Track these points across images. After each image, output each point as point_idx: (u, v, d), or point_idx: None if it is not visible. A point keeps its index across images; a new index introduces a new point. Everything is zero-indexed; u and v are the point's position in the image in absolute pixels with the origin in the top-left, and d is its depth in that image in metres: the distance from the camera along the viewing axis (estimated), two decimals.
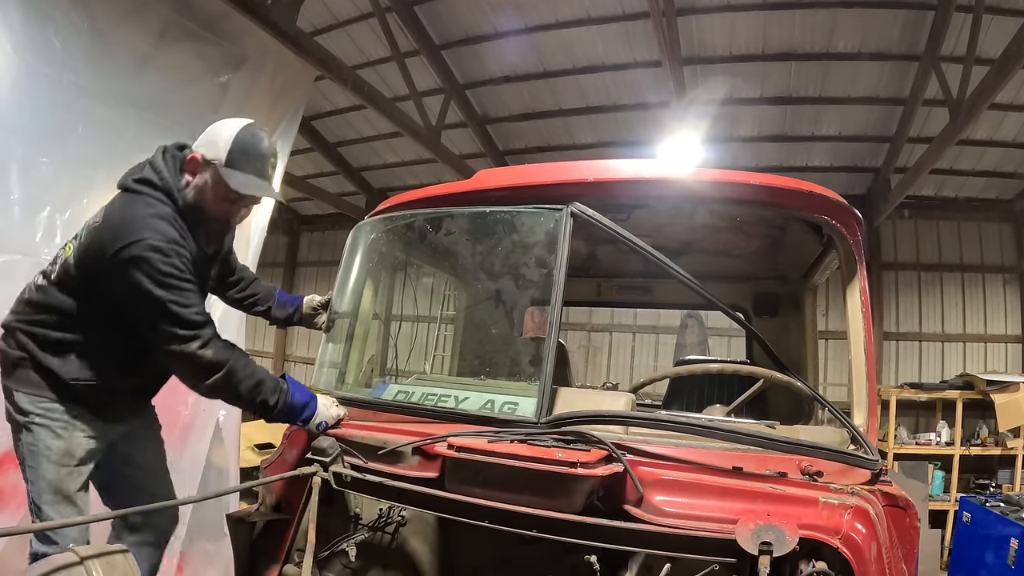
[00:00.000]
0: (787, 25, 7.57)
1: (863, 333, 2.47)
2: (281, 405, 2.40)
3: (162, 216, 2.41)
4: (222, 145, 2.48)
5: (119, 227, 2.36)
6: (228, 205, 2.56)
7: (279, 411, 2.41)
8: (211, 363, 2.30)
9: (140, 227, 2.33)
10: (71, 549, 1.81)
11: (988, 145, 8.86)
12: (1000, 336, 9.97)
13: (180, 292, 2.31)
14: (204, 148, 2.51)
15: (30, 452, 2.50)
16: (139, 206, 2.41)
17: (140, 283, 2.27)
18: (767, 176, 2.50)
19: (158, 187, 2.47)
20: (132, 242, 2.28)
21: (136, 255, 2.27)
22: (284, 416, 2.44)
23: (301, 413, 2.44)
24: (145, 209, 2.40)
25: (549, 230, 2.49)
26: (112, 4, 4.08)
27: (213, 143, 2.50)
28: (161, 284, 2.28)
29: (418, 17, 8.34)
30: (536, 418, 2.22)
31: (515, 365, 4.31)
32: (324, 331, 3.10)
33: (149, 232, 2.32)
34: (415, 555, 2.43)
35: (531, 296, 4.80)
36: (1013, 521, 5.46)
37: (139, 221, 2.35)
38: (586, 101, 9.48)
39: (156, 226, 2.36)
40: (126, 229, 2.33)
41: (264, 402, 2.38)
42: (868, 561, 1.74)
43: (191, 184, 2.51)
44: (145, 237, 2.30)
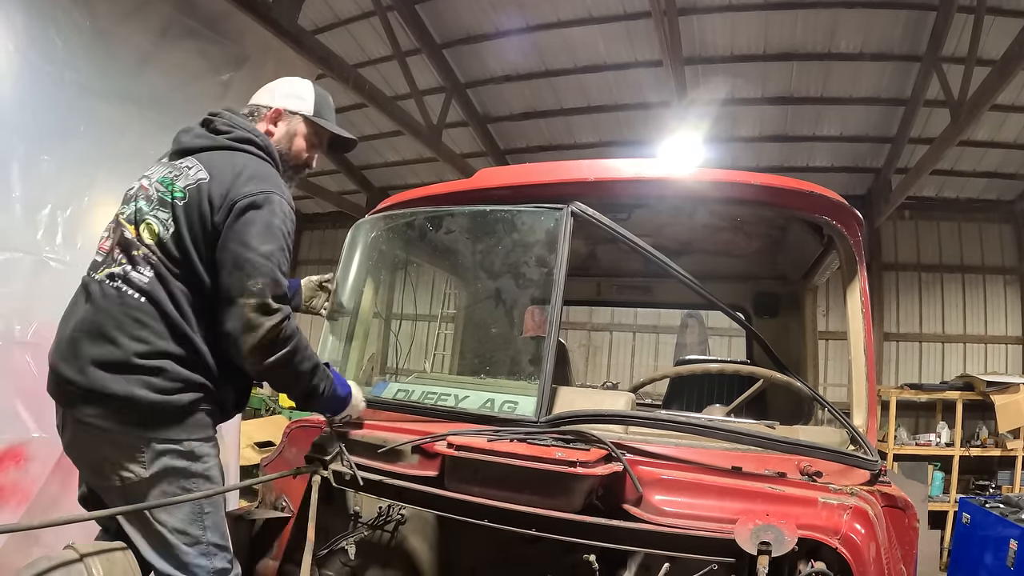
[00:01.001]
0: (788, 25, 7.57)
1: (863, 333, 2.47)
2: (327, 394, 2.28)
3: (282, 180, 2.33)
4: (308, 98, 2.55)
5: (254, 175, 2.19)
6: (312, 152, 2.60)
7: (322, 400, 2.29)
8: (284, 338, 2.08)
9: (275, 182, 2.24)
10: (71, 546, 1.81)
11: (989, 146, 8.86)
12: (1000, 337, 9.98)
13: (284, 259, 2.17)
14: (284, 101, 2.52)
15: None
16: (263, 165, 2.30)
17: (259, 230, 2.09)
18: (768, 176, 2.50)
19: (260, 146, 2.36)
20: (269, 191, 2.15)
21: (271, 201, 2.14)
22: (322, 406, 2.34)
23: (338, 405, 2.36)
24: (270, 169, 2.31)
25: (549, 229, 2.49)
26: (114, 3, 4.08)
27: (295, 96, 2.54)
28: (281, 240, 2.15)
29: (419, 16, 8.35)
30: (536, 417, 2.22)
31: (515, 364, 4.32)
32: (327, 317, 3.08)
33: (284, 193, 2.24)
34: (414, 554, 2.43)
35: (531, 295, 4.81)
36: (1012, 522, 5.46)
37: (273, 177, 2.26)
38: (587, 100, 9.49)
39: (286, 191, 2.28)
40: (263, 180, 2.19)
41: (315, 388, 2.23)
42: (867, 561, 1.74)
43: (274, 136, 2.49)
44: (283, 195, 2.22)
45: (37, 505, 3.55)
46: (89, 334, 2.07)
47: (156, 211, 2.16)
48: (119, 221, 2.24)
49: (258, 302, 2.04)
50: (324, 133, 2.61)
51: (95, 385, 2.01)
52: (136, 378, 2.02)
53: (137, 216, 2.18)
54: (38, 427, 3.54)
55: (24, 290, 3.57)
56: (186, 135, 2.34)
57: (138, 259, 2.12)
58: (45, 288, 3.60)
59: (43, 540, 3.21)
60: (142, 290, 2.09)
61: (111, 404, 2.01)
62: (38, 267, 3.62)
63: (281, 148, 2.48)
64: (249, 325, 2.04)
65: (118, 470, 2.04)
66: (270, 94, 2.56)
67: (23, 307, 3.55)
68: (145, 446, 2.04)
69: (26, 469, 3.54)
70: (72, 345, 2.09)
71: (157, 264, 2.11)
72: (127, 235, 2.17)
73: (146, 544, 2.06)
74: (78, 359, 2.05)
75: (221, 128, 2.34)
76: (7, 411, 3.46)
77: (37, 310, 3.58)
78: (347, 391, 2.37)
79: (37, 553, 2.02)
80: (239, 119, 2.40)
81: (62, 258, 3.70)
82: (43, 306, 3.59)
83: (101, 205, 3.90)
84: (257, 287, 2.04)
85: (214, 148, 2.28)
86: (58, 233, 3.71)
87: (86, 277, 2.24)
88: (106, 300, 2.10)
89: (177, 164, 2.25)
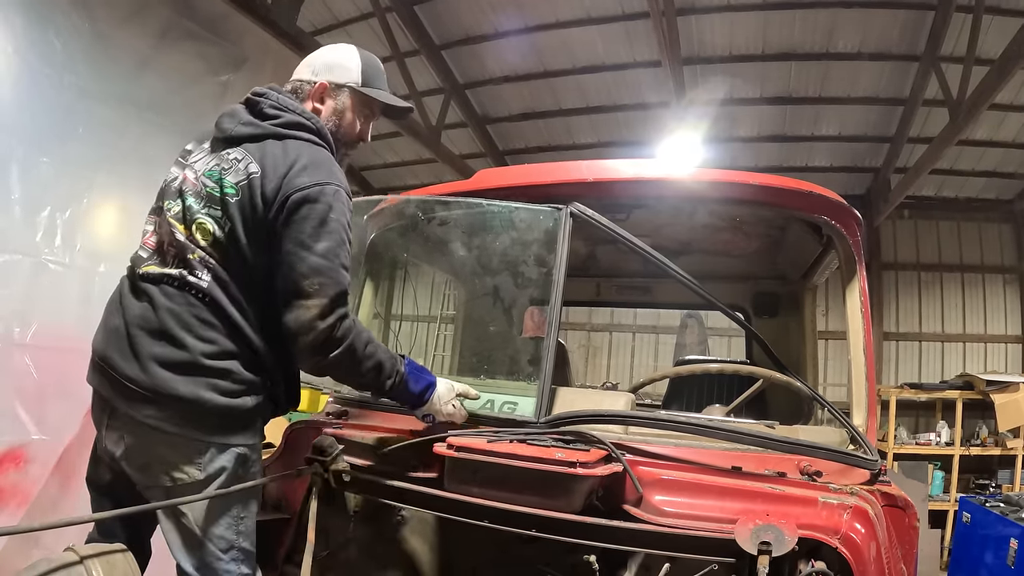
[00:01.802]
0: (787, 25, 7.58)
1: (863, 333, 2.47)
2: (396, 391, 2.21)
3: (337, 166, 2.20)
4: (353, 67, 2.36)
5: (308, 164, 2.07)
6: (366, 124, 2.45)
7: (392, 395, 2.23)
8: (338, 338, 2.02)
9: (334, 172, 2.12)
10: (71, 548, 1.81)
11: (988, 145, 8.87)
12: (1000, 336, 9.99)
13: (344, 252, 2.08)
14: (328, 75, 2.34)
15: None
16: (318, 151, 2.16)
17: (314, 226, 2.00)
18: (767, 176, 2.50)
19: (313, 130, 2.21)
20: (327, 182, 2.05)
21: (329, 193, 2.04)
22: (395, 400, 2.29)
23: (413, 401, 2.27)
24: (325, 154, 2.18)
25: (549, 230, 2.49)
26: (113, 6, 4.08)
27: (340, 67, 2.36)
28: (339, 233, 2.04)
29: (418, 17, 8.35)
30: (535, 418, 2.22)
31: (514, 365, 4.31)
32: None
33: (340, 180, 2.12)
34: (414, 555, 2.43)
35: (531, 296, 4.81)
36: (1013, 521, 5.45)
37: (327, 164, 2.13)
38: (586, 101, 9.49)
39: (342, 177, 2.16)
40: (316, 169, 2.07)
41: (380, 385, 2.17)
42: (867, 561, 1.74)
43: (323, 114, 2.33)
44: (339, 183, 2.10)
45: (37, 507, 3.54)
46: (151, 333, 2.01)
47: (208, 209, 2.07)
48: (167, 219, 2.12)
49: (314, 302, 1.97)
50: (376, 103, 2.44)
51: (159, 385, 1.96)
52: (203, 380, 1.99)
53: (187, 215, 2.09)
54: (38, 429, 3.54)
55: (23, 292, 3.56)
56: (230, 121, 2.19)
57: (194, 263, 2.04)
58: (44, 290, 3.60)
59: (43, 542, 3.21)
60: (203, 291, 2.03)
61: (176, 406, 1.97)
62: (37, 269, 3.61)
63: (331, 126, 2.33)
64: (305, 327, 1.98)
65: (171, 471, 2.01)
66: (311, 68, 2.37)
67: (22, 309, 3.55)
68: (205, 449, 2.02)
69: (26, 471, 3.54)
70: (131, 342, 2.02)
71: (215, 267, 2.04)
72: (179, 236, 2.08)
73: (180, 544, 2.05)
74: (139, 357, 1.99)
75: (269, 112, 2.19)
76: (6, 413, 3.46)
77: (36, 312, 3.57)
78: (421, 388, 2.25)
79: (37, 555, 2.02)
80: (288, 100, 2.25)
81: (61, 260, 3.69)
82: (42, 308, 3.59)
83: (100, 207, 3.90)
84: (314, 287, 1.97)
85: (263, 136, 2.15)
86: (57, 235, 3.70)
87: (132, 272, 2.16)
88: (168, 299, 2.03)
89: (224, 155, 2.13)
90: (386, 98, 2.44)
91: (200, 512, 2.03)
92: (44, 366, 3.54)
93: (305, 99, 2.32)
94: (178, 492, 2.01)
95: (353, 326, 2.05)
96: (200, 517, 2.03)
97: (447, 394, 2.30)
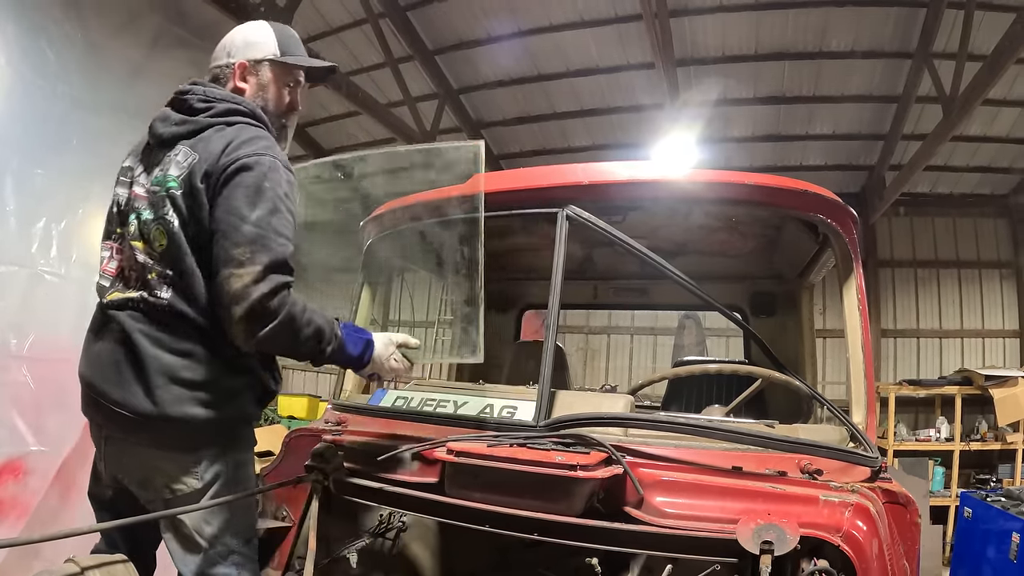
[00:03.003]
0: (780, 25, 7.60)
1: (860, 331, 2.47)
2: (334, 356, 2.15)
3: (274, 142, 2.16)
4: (268, 40, 2.33)
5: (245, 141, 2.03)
6: (293, 93, 2.40)
7: (331, 360, 2.16)
8: (275, 308, 1.91)
9: (270, 146, 2.08)
10: (71, 559, 1.80)
11: (982, 141, 8.90)
12: (998, 331, 10.00)
13: (282, 222, 1.99)
14: (244, 53, 2.30)
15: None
16: (255, 130, 2.12)
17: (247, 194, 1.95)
18: (762, 176, 2.50)
19: (247, 113, 2.17)
20: (262, 154, 2.01)
21: (265, 163, 1.99)
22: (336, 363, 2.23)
23: (353, 364, 2.23)
24: (262, 132, 2.14)
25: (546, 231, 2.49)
26: (105, 15, 4.08)
27: (255, 43, 2.32)
28: (273, 202, 1.98)
29: (411, 23, 8.36)
30: (535, 421, 2.22)
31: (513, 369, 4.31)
32: None
33: (277, 154, 2.07)
34: (416, 561, 2.42)
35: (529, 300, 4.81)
36: (1014, 515, 5.45)
37: (266, 139, 2.10)
38: (580, 104, 9.50)
39: (279, 152, 2.11)
40: (256, 142, 2.05)
41: (319, 353, 2.09)
42: (869, 558, 1.74)
43: (247, 92, 2.29)
44: (276, 156, 2.06)
45: (36, 519, 3.54)
46: (129, 360, 2.00)
47: (159, 213, 2.04)
48: (128, 242, 2.10)
49: (247, 271, 1.88)
50: (298, 69, 2.38)
51: (146, 410, 1.96)
52: (188, 396, 1.99)
53: (144, 229, 2.07)
54: (36, 440, 3.54)
55: (19, 303, 3.56)
56: (163, 125, 2.16)
57: (153, 282, 2.03)
58: (40, 301, 3.60)
59: (43, 554, 3.19)
60: (165, 308, 2.01)
61: (166, 427, 1.98)
62: (33, 280, 3.61)
63: (260, 102, 2.30)
64: (237, 296, 1.87)
65: (170, 484, 2.04)
66: (226, 51, 2.32)
67: (19, 320, 3.55)
68: (200, 460, 2.04)
69: (25, 483, 3.53)
70: (114, 370, 2.02)
71: (172, 276, 2.02)
72: (139, 257, 2.07)
73: (181, 552, 2.07)
74: (123, 384, 2.00)
75: (199, 106, 2.15)
76: (5, 424, 3.46)
77: (33, 323, 3.57)
78: (360, 348, 2.19)
79: (37, 567, 2.02)
80: (214, 90, 2.21)
81: (57, 271, 3.69)
82: (39, 319, 3.59)
83: (95, 217, 3.89)
84: (246, 255, 1.89)
85: (200, 130, 2.10)
86: (53, 246, 3.70)
87: (101, 302, 2.15)
88: (136, 323, 2.03)
89: (166, 158, 2.10)
90: (306, 62, 2.41)
91: (199, 520, 2.04)
92: (41, 377, 3.53)
93: (227, 82, 2.29)
94: (177, 502, 2.02)
95: (289, 294, 1.97)
96: (199, 525, 2.04)
97: (386, 349, 2.26)
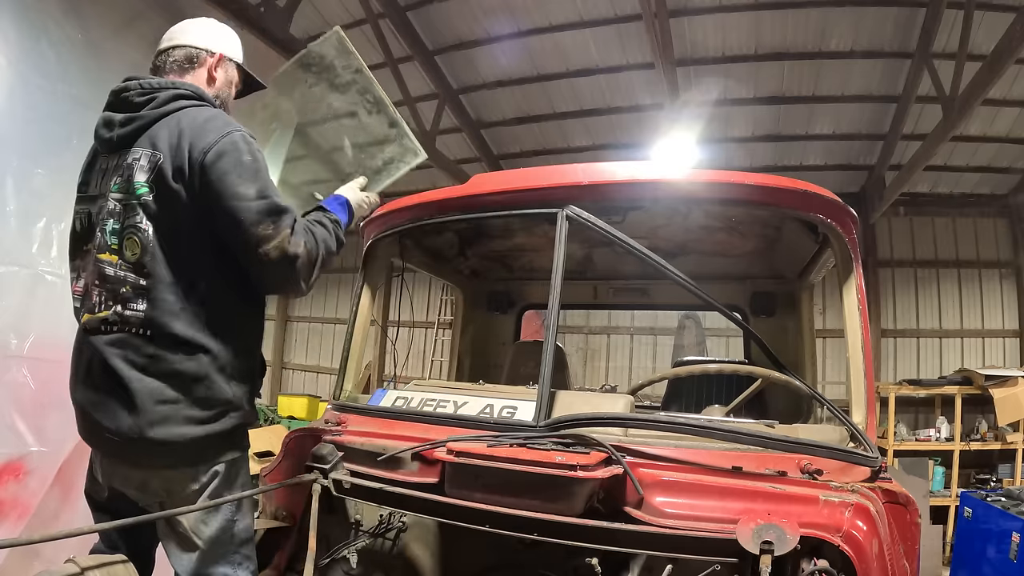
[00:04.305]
0: (779, 25, 7.60)
1: (860, 331, 2.47)
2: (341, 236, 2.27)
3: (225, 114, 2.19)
4: (237, 44, 2.38)
5: (204, 122, 2.03)
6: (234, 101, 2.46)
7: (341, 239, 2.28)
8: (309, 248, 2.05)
9: (228, 120, 2.09)
10: (72, 560, 1.80)
11: (982, 141, 8.90)
12: (998, 331, 10.00)
13: (270, 183, 2.07)
14: (223, 46, 2.33)
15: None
16: (202, 110, 2.11)
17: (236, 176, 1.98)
18: (762, 176, 2.50)
19: (189, 95, 2.15)
20: (224, 135, 2.01)
21: (233, 144, 2.01)
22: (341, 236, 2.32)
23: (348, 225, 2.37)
24: (210, 109, 2.14)
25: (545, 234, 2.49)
26: (105, 15, 4.08)
27: (228, 41, 2.35)
28: (258, 170, 2.04)
29: (411, 23, 8.36)
30: (535, 422, 2.22)
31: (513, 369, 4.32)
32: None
33: (237, 124, 2.09)
34: (416, 561, 2.42)
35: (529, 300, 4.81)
36: (1014, 515, 5.46)
37: (218, 116, 2.10)
38: (580, 104, 9.50)
39: (231, 119, 2.12)
40: (216, 121, 2.05)
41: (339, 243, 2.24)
42: (869, 558, 1.74)
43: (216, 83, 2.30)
44: (237, 127, 2.07)
45: (37, 519, 3.53)
46: (114, 385, 2.00)
47: (129, 220, 2.02)
48: (94, 258, 2.08)
49: (277, 241, 1.98)
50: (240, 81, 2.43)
51: (139, 433, 1.96)
52: (179, 414, 2.00)
53: (111, 241, 2.05)
54: (36, 441, 3.53)
55: (20, 304, 3.56)
56: (108, 129, 2.13)
57: (127, 295, 2.01)
58: (40, 301, 3.59)
59: (44, 555, 3.20)
60: (141, 322, 2.00)
61: (161, 448, 1.99)
62: (33, 280, 3.61)
63: (223, 96, 2.33)
64: (288, 266, 2.01)
65: (167, 487, 2.07)
66: (204, 37, 2.30)
67: (19, 321, 3.54)
68: (198, 470, 2.07)
69: (25, 483, 3.53)
70: (103, 397, 2.02)
71: (147, 286, 2.00)
72: (108, 271, 2.04)
73: (178, 552, 2.08)
74: (113, 412, 2.00)
75: (139, 100, 2.11)
76: (5, 425, 3.45)
77: (33, 323, 3.57)
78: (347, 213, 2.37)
79: (38, 567, 2.02)
80: (152, 79, 2.16)
81: (57, 271, 3.68)
82: (39, 319, 3.58)
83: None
84: (269, 229, 1.98)
85: (148, 124, 2.08)
86: (53, 246, 3.69)
87: (81, 325, 2.15)
88: (114, 347, 2.01)
89: (121, 164, 2.07)
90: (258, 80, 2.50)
91: (195, 520, 2.06)
92: (42, 378, 3.53)
93: (199, 66, 2.28)
94: (174, 505, 2.03)
95: (303, 231, 2.07)
96: (196, 525, 2.06)
97: (356, 195, 2.44)
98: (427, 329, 12.58)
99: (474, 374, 4.51)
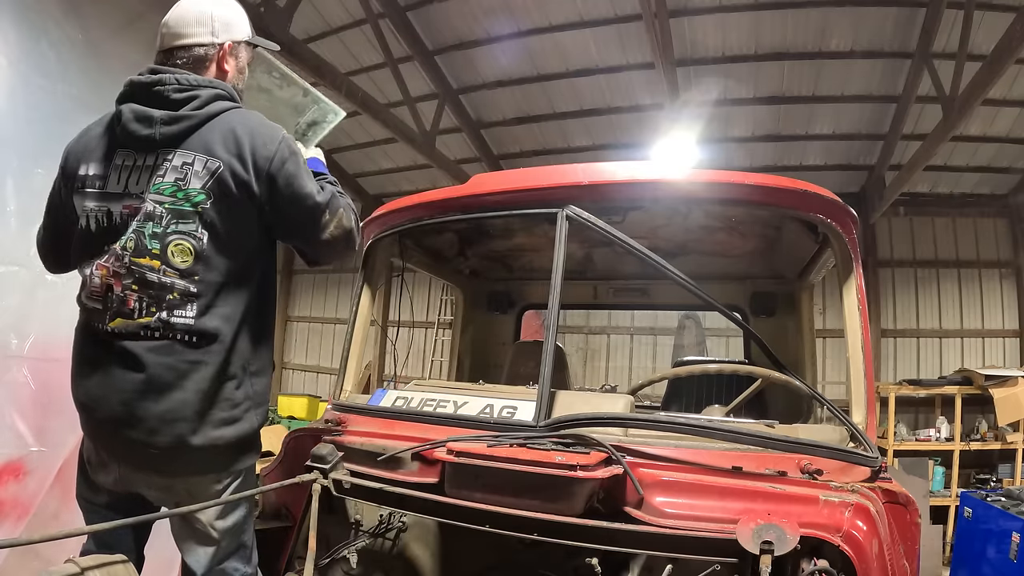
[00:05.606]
0: (779, 25, 7.61)
1: (860, 331, 2.47)
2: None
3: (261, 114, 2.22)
4: (244, 19, 2.30)
5: (254, 130, 2.07)
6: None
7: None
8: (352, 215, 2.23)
9: (266, 122, 2.15)
10: (71, 560, 1.80)
11: (982, 141, 8.90)
12: (998, 331, 9.99)
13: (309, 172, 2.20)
14: (228, 33, 2.20)
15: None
16: (242, 114, 2.13)
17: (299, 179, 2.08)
18: (762, 176, 2.50)
19: (227, 96, 2.14)
20: (276, 137, 2.09)
21: (289, 147, 2.11)
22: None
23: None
24: (254, 116, 2.16)
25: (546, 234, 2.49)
26: (106, 15, 4.08)
27: (235, 23, 2.25)
28: (303, 166, 2.16)
29: (411, 23, 8.37)
30: (535, 422, 2.22)
31: (513, 369, 4.32)
32: None
33: (277, 127, 2.16)
34: (416, 561, 2.43)
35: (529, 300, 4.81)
36: (1014, 515, 5.46)
37: (264, 121, 2.14)
38: (580, 104, 9.51)
39: (269, 121, 2.18)
40: (264, 128, 2.10)
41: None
42: (869, 558, 1.74)
43: (229, 75, 2.23)
44: (279, 130, 2.14)
45: (37, 519, 3.53)
46: (150, 393, 1.95)
47: (179, 226, 1.97)
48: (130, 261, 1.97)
49: (335, 221, 2.14)
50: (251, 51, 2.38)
51: (174, 442, 1.96)
52: (214, 419, 2.01)
53: (151, 244, 1.97)
54: (36, 441, 3.54)
55: (20, 304, 3.56)
56: (146, 125, 2.01)
57: (174, 302, 1.96)
58: (41, 302, 3.59)
59: (43, 554, 3.19)
60: (190, 330, 1.97)
61: (194, 454, 1.99)
62: (33, 281, 3.61)
63: (240, 85, 2.30)
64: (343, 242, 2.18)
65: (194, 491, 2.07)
66: (207, 28, 2.16)
67: (19, 321, 3.55)
68: (228, 473, 2.12)
69: (25, 483, 3.53)
70: (131, 404, 1.95)
71: (197, 293, 1.97)
72: (151, 276, 1.96)
73: (193, 545, 2.10)
74: (144, 421, 1.95)
75: (177, 96, 2.03)
76: (5, 425, 3.45)
77: (33, 324, 3.57)
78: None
79: (37, 567, 2.01)
80: (188, 76, 2.08)
81: None
82: (39, 320, 3.59)
83: None
84: (327, 216, 2.13)
85: (194, 128, 2.02)
86: None
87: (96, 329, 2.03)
88: (156, 354, 1.95)
89: (165, 165, 1.98)
90: (272, 45, 2.51)
91: (212, 515, 2.09)
92: (42, 378, 3.53)
93: (208, 64, 2.17)
94: (193, 503, 2.02)
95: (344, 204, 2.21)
96: (213, 520, 2.09)
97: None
98: (427, 329, 12.58)
99: (474, 374, 4.51)
